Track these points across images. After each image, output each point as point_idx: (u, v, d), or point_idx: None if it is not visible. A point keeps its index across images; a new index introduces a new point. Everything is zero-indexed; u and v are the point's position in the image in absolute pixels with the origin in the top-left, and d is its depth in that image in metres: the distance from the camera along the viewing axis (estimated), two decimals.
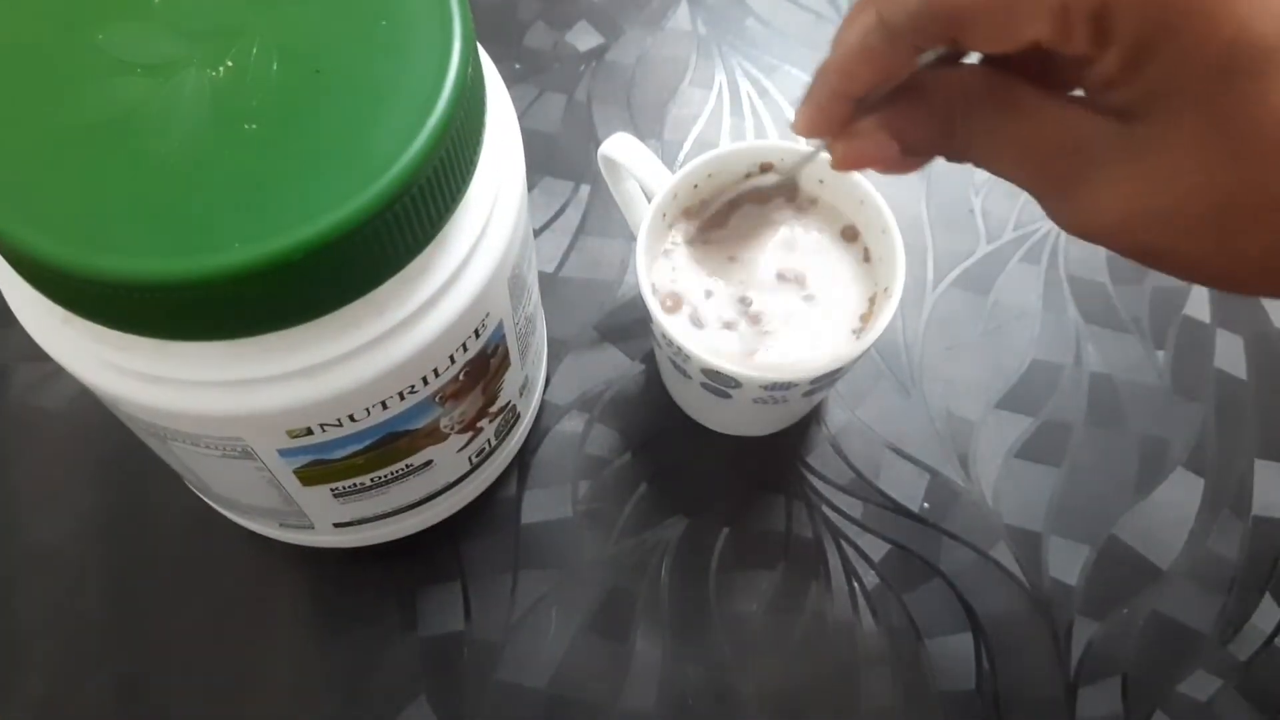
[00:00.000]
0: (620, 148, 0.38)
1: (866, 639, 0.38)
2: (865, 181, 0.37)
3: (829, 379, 0.36)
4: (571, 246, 0.46)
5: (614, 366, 0.43)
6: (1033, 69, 0.24)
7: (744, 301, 0.37)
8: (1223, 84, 0.20)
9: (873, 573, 0.39)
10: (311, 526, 0.35)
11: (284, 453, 0.29)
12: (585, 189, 0.47)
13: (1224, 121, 0.20)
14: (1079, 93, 0.24)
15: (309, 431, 0.28)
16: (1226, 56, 0.20)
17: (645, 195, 0.39)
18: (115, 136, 0.23)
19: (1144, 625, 0.39)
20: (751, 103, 0.50)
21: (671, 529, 0.40)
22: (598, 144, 0.39)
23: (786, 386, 0.35)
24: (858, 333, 0.37)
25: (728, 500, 0.41)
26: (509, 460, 0.40)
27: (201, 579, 0.39)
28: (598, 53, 0.51)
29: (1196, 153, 0.21)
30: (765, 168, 0.39)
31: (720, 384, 0.36)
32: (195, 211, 0.23)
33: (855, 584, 0.39)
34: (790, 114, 0.49)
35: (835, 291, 0.38)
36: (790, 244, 0.38)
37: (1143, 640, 0.38)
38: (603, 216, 0.47)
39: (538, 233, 0.46)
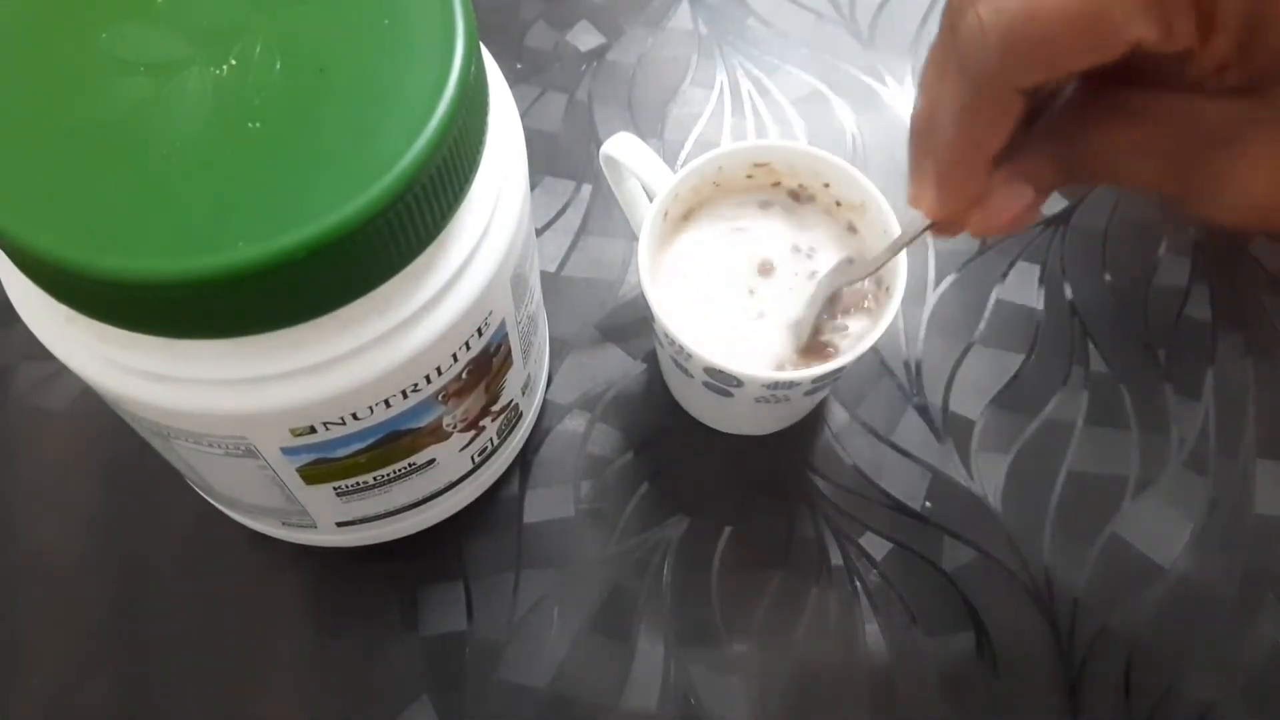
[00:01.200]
0: (622, 147, 0.38)
1: (868, 638, 0.38)
2: (867, 182, 0.37)
3: (830, 378, 0.36)
4: (573, 246, 0.46)
5: (616, 366, 0.43)
6: (1126, 81, 0.22)
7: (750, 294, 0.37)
8: None
9: (874, 572, 0.39)
10: (314, 525, 0.35)
11: (287, 451, 0.29)
12: (587, 189, 0.47)
13: None
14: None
15: (312, 430, 0.28)
16: None
17: (647, 195, 0.39)
18: (119, 135, 0.23)
19: (1145, 624, 0.39)
20: (753, 102, 0.50)
21: (673, 528, 0.40)
22: (599, 144, 0.40)
23: (788, 385, 0.35)
24: (860, 332, 0.37)
25: (729, 499, 0.41)
26: (511, 459, 0.40)
27: (203, 578, 0.39)
28: (599, 52, 0.51)
29: None
30: (767, 173, 0.39)
31: (722, 383, 0.36)
32: (199, 210, 0.23)
33: (857, 583, 0.39)
34: (790, 112, 0.49)
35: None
36: (795, 247, 0.39)
37: (1144, 639, 0.38)
38: (604, 216, 0.47)
39: (539, 232, 0.46)
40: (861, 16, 0.53)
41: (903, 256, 0.36)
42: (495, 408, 0.34)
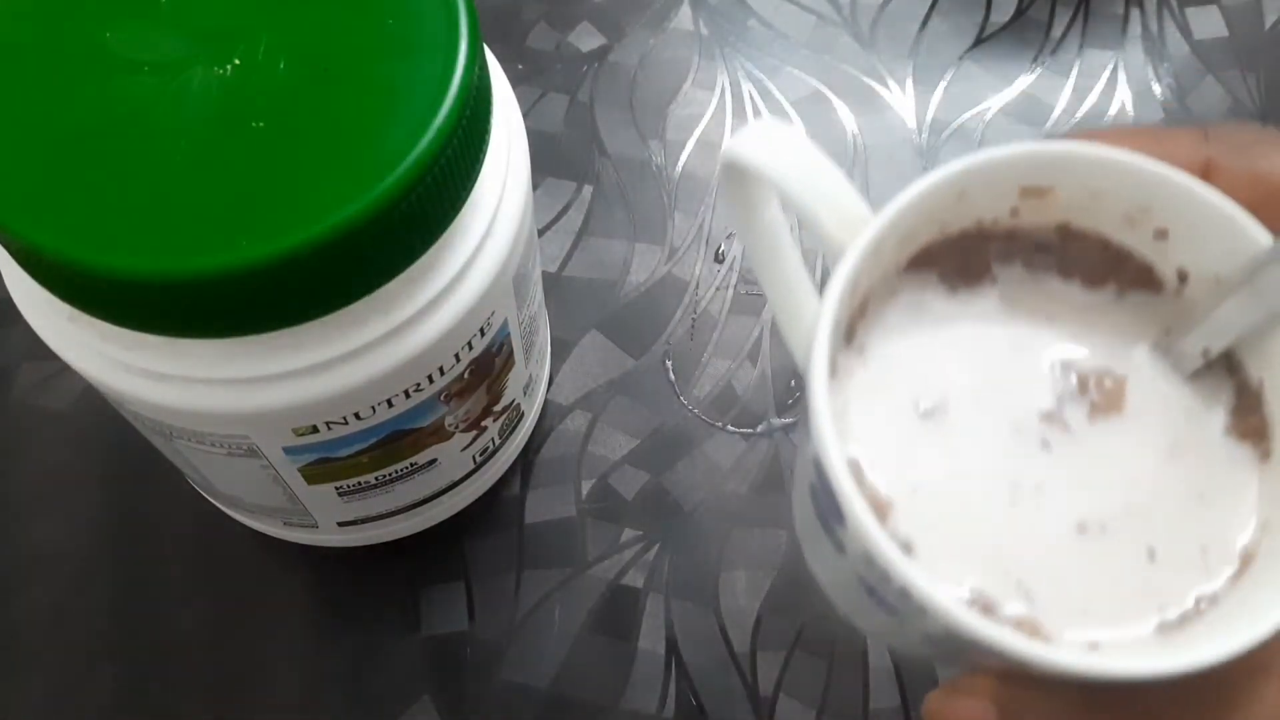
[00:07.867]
0: (763, 148, 0.20)
1: (871, 639, 0.38)
2: (1255, 227, 0.19)
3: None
4: (575, 246, 0.46)
5: (617, 365, 0.43)
6: None
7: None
8: None
9: None
10: (315, 525, 0.35)
11: (289, 451, 0.29)
12: (588, 189, 0.47)
13: None
14: None
15: (315, 429, 0.28)
16: None
17: (807, 234, 0.25)
18: (123, 134, 0.23)
19: None
20: (754, 104, 0.50)
21: (675, 527, 0.40)
22: (600, 145, 0.39)
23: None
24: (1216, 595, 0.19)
25: (733, 498, 0.41)
26: (512, 459, 0.40)
27: (204, 578, 0.39)
28: (600, 54, 0.51)
29: None
30: (1045, 206, 0.21)
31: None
32: (202, 209, 0.23)
33: None
34: (792, 114, 0.49)
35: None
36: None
37: None
38: (605, 217, 0.47)
39: (541, 233, 0.46)
40: (862, 18, 0.53)
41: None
42: (497, 408, 0.34)
